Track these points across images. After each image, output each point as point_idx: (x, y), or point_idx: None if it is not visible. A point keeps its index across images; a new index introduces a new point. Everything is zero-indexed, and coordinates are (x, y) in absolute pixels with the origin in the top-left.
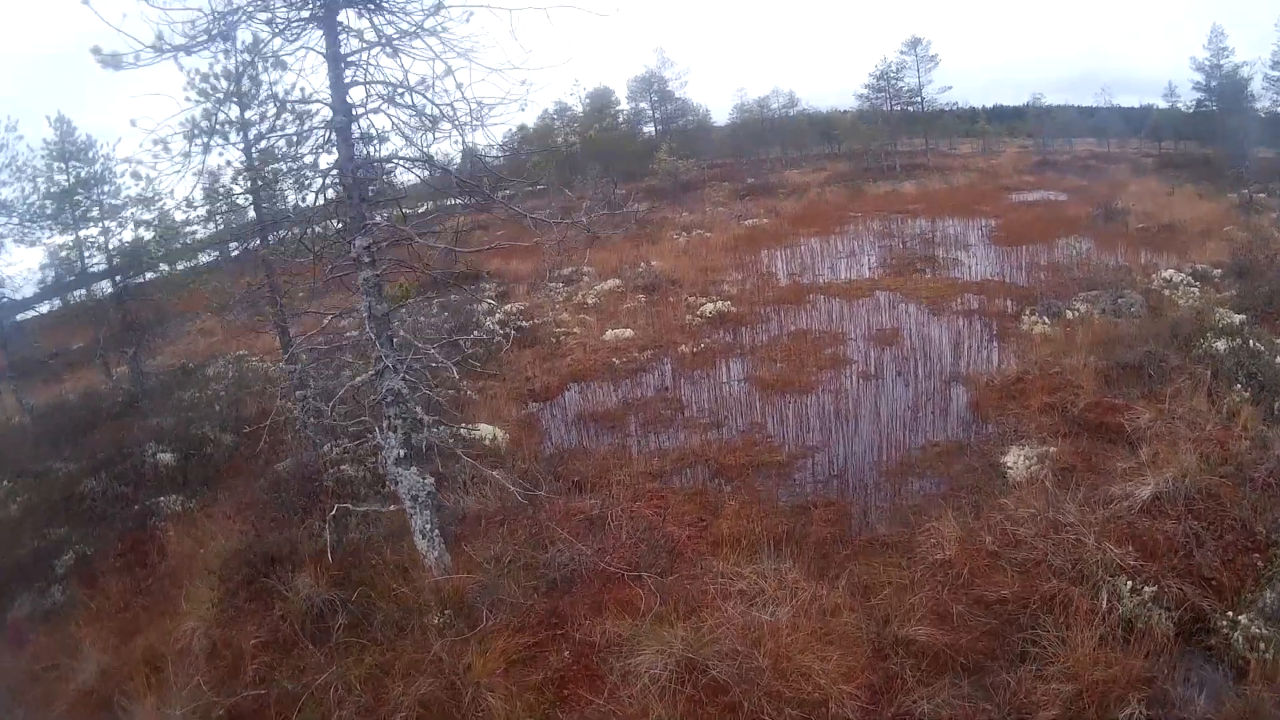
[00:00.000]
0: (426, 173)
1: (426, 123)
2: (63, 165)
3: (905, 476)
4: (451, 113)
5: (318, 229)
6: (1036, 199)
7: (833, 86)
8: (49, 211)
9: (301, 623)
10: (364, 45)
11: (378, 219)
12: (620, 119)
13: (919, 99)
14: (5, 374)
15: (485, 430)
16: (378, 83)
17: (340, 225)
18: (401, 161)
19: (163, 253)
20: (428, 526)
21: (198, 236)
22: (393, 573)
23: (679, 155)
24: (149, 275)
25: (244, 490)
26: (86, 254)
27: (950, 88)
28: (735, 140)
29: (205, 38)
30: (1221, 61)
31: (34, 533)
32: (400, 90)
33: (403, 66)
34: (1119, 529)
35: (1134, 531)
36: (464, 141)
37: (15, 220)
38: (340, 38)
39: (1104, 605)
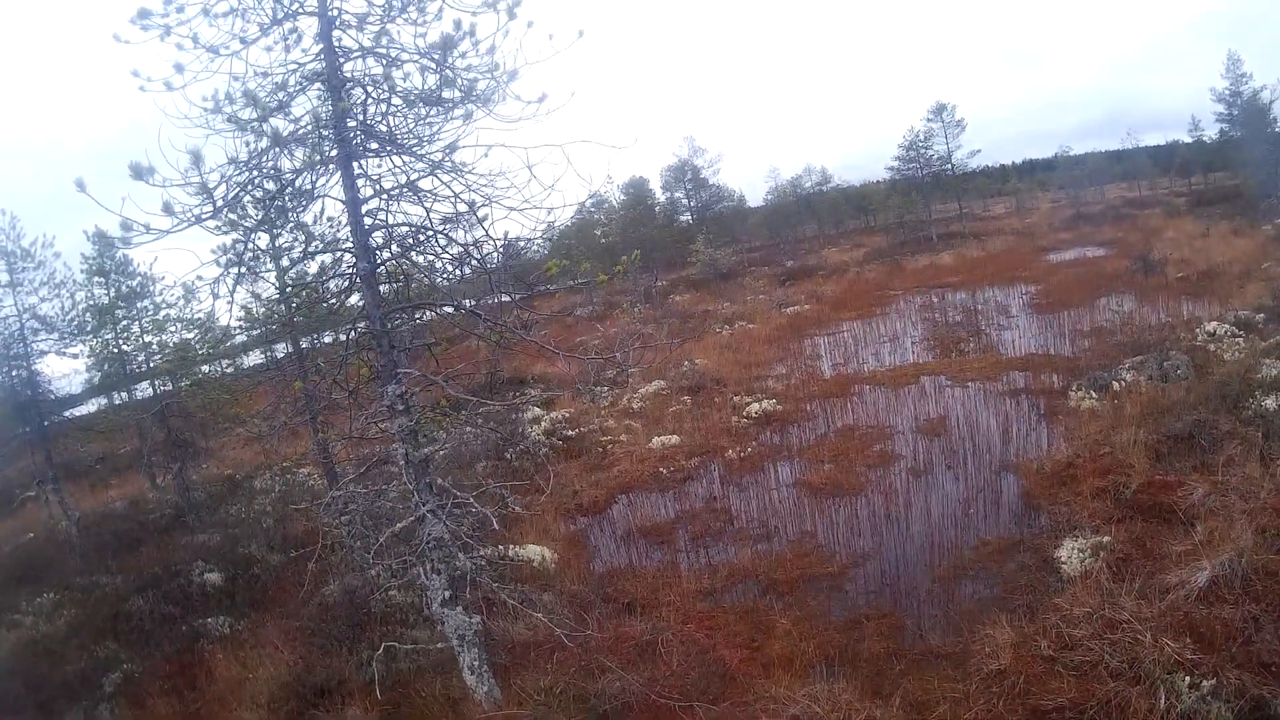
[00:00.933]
0: (453, 310)
1: (452, 264)
2: (102, 279)
3: (958, 580)
4: (478, 252)
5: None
6: (1073, 257)
7: (864, 158)
8: (89, 327)
9: None
10: (381, 192)
11: (411, 370)
12: (656, 209)
13: (949, 165)
14: (49, 479)
15: (533, 551)
16: (400, 226)
17: (371, 372)
18: (431, 307)
19: (207, 351)
20: (476, 663)
21: (239, 339)
22: (442, 706)
23: (716, 243)
24: (194, 378)
25: (291, 614)
26: (131, 355)
27: (979, 150)
28: (771, 222)
29: (211, 211)
30: (1240, 88)
31: (81, 650)
32: (424, 233)
33: (425, 207)
34: (1176, 620)
35: (1191, 622)
36: (491, 282)
37: (55, 335)
38: (359, 183)
39: (1162, 705)
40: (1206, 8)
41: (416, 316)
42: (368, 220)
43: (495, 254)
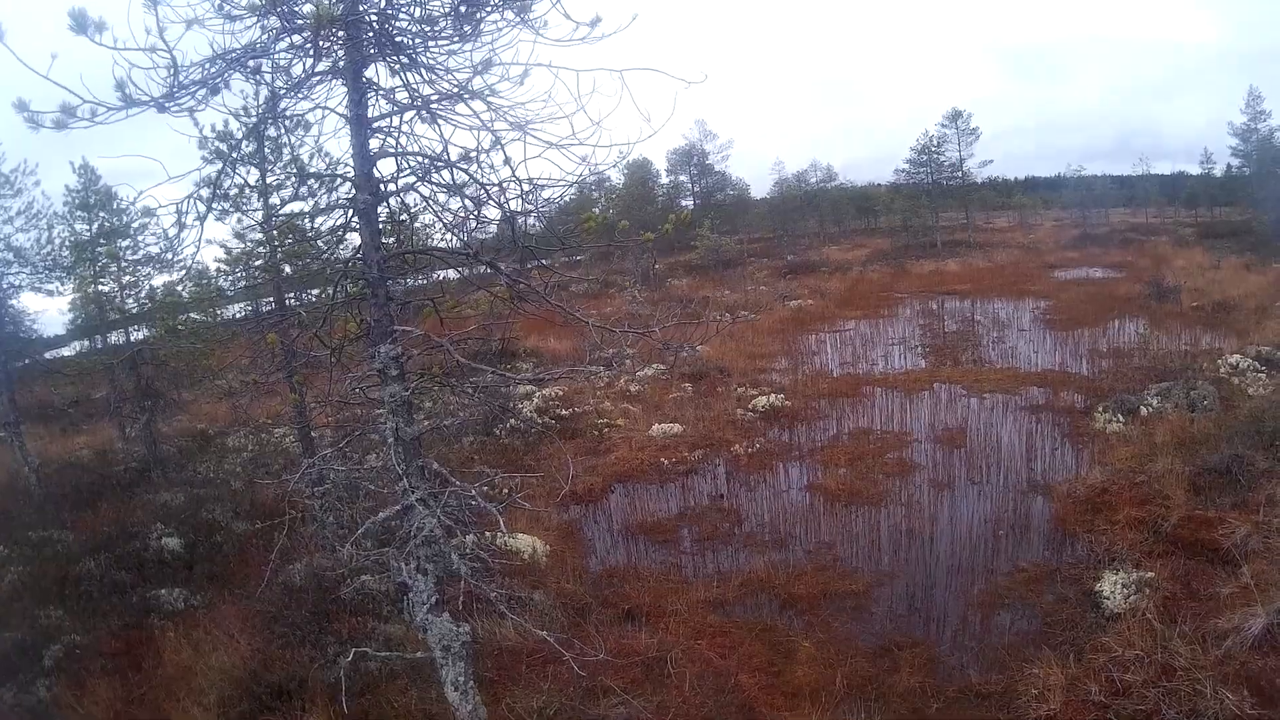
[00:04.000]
0: (466, 269)
1: (469, 206)
2: (85, 214)
3: (993, 609)
4: (500, 194)
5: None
6: (1082, 276)
7: (869, 161)
8: (68, 262)
9: None
10: (395, 108)
11: (411, 328)
12: (659, 192)
13: (960, 173)
14: (12, 423)
15: (524, 542)
16: (411, 154)
17: (360, 328)
18: (437, 254)
19: (188, 296)
20: (461, 679)
21: (222, 285)
22: None
23: (719, 231)
24: (166, 324)
25: (252, 594)
26: (110, 297)
27: (992, 161)
28: (775, 215)
29: (187, 93)
30: (1259, 125)
31: (24, 615)
32: (439, 164)
33: (442, 136)
34: (1233, 671)
35: (1248, 673)
36: (513, 229)
37: (29, 270)
38: (368, 99)
39: None
40: (1223, 45)
41: (418, 271)
42: (374, 143)
43: (520, 199)
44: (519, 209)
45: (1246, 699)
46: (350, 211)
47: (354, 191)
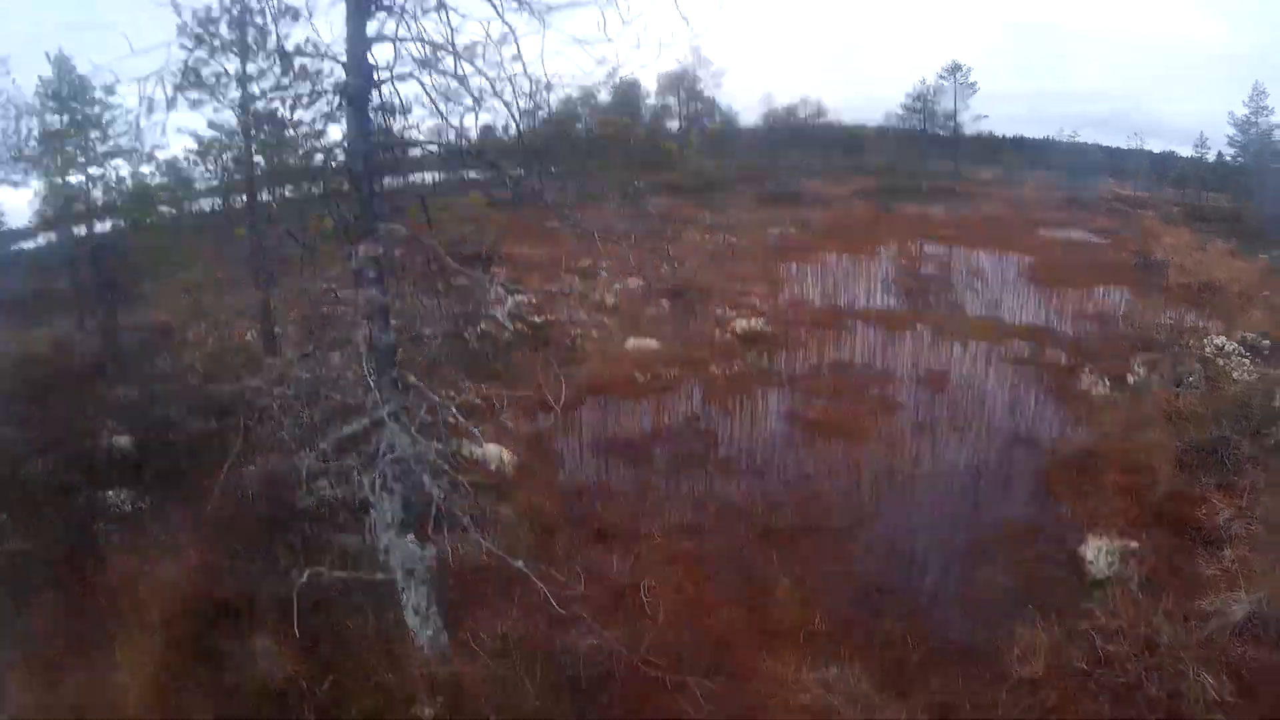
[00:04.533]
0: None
1: (470, 99)
2: (56, 104)
3: (975, 561)
4: (509, 89)
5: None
6: (1068, 238)
7: (863, 101)
8: (35, 153)
9: (257, 702)
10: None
11: (395, 224)
12: (647, 116)
13: (953, 123)
14: None
15: (491, 452)
16: (412, 40)
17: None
18: (421, 141)
19: (159, 192)
20: (423, 604)
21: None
22: (374, 649)
23: (705, 154)
24: (130, 215)
25: (204, 496)
26: (79, 188)
27: (986, 116)
28: (761, 146)
29: None
30: (1260, 120)
31: None
32: (443, 53)
33: (448, 23)
34: (1215, 655)
35: (1228, 659)
36: (517, 126)
37: None
38: None
39: None
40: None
41: (405, 169)
42: (372, 27)
43: (530, 97)
44: (527, 107)
45: (1226, 685)
46: (339, 98)
47: (345, 77)
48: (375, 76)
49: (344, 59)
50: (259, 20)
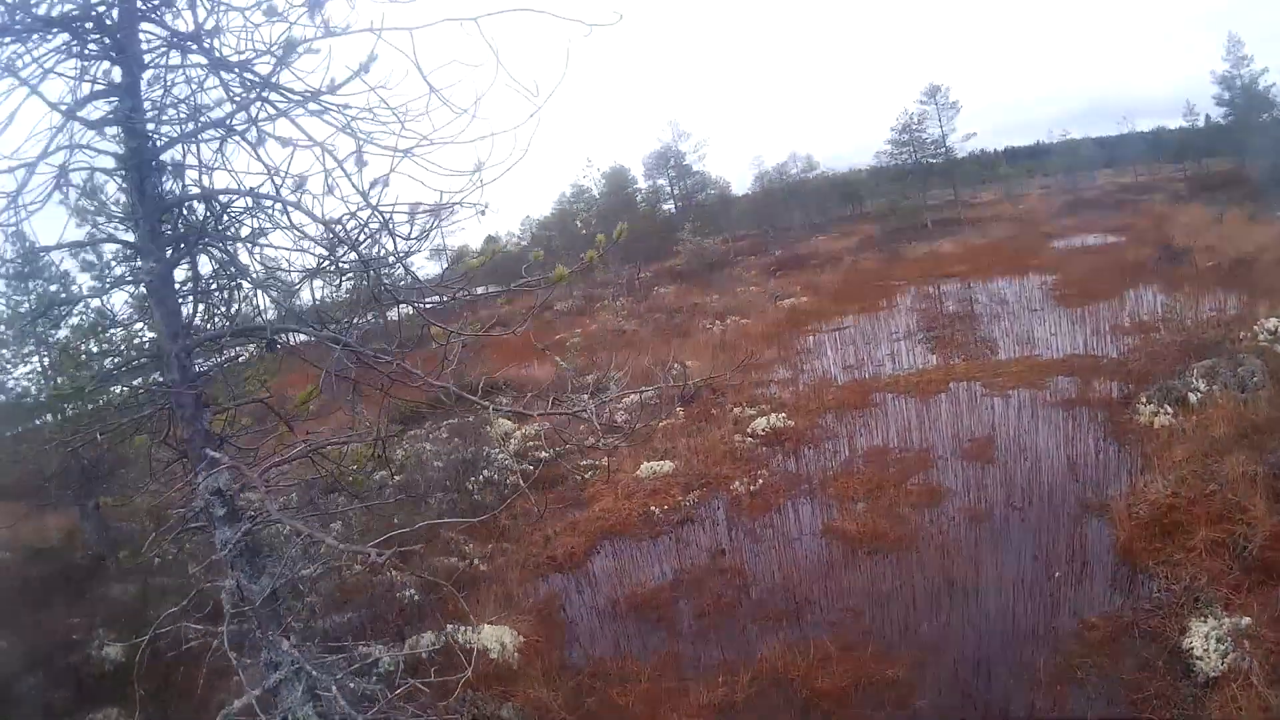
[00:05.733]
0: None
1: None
2: None
3: (1065, 686)
4: (359, 226)
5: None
6: (1085, 245)
7: (849, 148)
8: None
9: None
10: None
11: (224, 455)
12: (638, 198)
13: (944, 149)
14: None
15: (490, 635)
16: (226, 194)
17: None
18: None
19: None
20: None
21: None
22: None
23: (703, 233)
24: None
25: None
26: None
27: (975, 134)
28: (758, 211)
29: None
30: (1241, 71)
31: None
32: (265, 205)
33: (266, 162)
34: None
35: None
36: (368, 276)
37: None
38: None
39: None
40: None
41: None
42: (171, 185)
43: (371, 239)
44: (372, 252)
45: None
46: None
47: (138, 260)
48: (174, 250)
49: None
50: None
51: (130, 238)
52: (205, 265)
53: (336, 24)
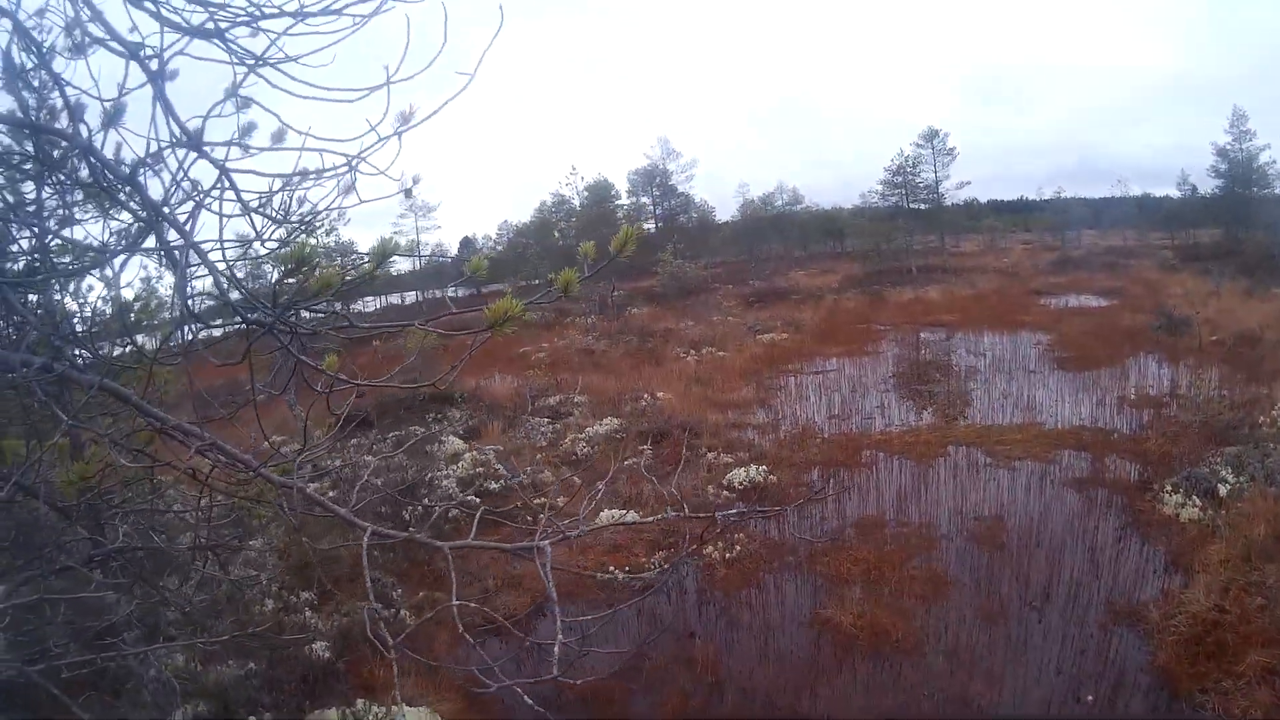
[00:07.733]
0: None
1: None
2: None
3: None
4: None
5: None
6: (1075, 304)
7: (835, 184)
8: None
9: None
10: None
11: None
12: (620, 214)
13: (935, 194)
14: None
15: None
16: None
17: None
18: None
19: None
20: None
21: None
22: None
23: (683, 256)
24: None
25: None
26: None
27: (969, 182)
28: (741, 239)
29: None
30: (1244, 145)
31: None
32: None
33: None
34: None
35: None
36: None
37: None
38: None
39: None
40: (1181, 72)
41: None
42: None
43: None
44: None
45: None
46: None
47: None
48: None
49: None
50: None
51: None
52: None
53: None
